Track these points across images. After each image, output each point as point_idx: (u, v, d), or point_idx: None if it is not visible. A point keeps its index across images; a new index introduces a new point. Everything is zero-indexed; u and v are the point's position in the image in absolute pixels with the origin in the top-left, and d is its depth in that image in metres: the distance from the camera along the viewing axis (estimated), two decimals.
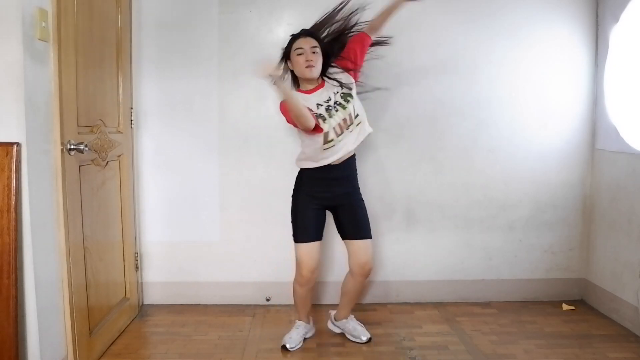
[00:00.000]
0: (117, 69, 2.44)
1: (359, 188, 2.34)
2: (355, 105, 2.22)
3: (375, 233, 2.81)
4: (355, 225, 2.29)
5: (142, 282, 2.80)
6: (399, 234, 2.86)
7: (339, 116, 2.17)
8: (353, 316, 2.47)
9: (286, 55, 2.24)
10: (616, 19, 2.64)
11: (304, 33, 2.24)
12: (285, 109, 2.15)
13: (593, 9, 2.80)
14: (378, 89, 2.22)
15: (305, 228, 2.27)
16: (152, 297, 2.82)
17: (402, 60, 2.76)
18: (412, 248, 2.88)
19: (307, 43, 2.19)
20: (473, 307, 2.82)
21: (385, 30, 2.74)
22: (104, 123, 2.26)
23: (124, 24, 2.49)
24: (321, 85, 2.24)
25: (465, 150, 2.84)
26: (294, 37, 2.23)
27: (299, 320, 2.42)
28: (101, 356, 2.21)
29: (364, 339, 2.37)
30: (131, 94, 2.63)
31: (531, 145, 2.86)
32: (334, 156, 2.19)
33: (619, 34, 2.63)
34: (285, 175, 2.75)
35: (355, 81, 2.28)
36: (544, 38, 2.80)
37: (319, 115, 2.16)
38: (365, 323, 2.50)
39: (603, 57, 2.76)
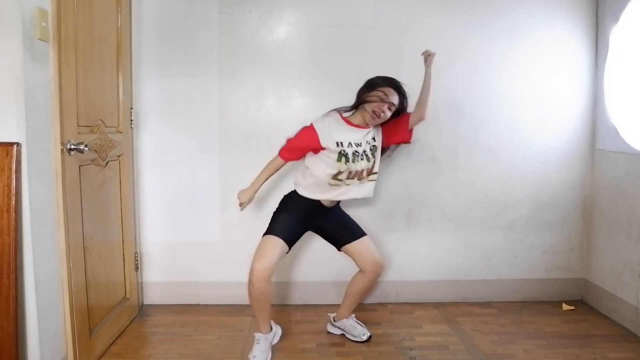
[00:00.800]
0: (117, 69, 2.44)
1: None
2: (376, 163, 2.25)
3: (375, 233, 2.83)
4: (346, 229, 2.31)
5: (142, 282, 2.80)
6: (399, 234, 2.86)
7: (360, 165, 2.18)
8: (353, 315, 2.47)
9: (369, 87, 2.19)
10: (616, 19, 2.64)
11: (398, 86, 2.18)
12: (291, 146, 2.24)
13: (593, 9, 2.80)
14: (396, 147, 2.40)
15: (282, 225, 2.22)
16: (152, 297, 2.82)
17: (402, 60, 2.76)
18: (412, 248, 2.88)
19: (392, 96, 2.15)
20: (473, 307, 2.82)
21: (385, 30, 2.76)
22: (104, 123, 2.26)
23: (124, 24, 2.49)
24: (365, 128, 2.21)
25: (465, 150, 2.84)
26: (389, 82, 2.18)
27: (258, 332, 2.24)
28: (101, 356, 2.21)
29: (364, 337, 2.37)
30: (131, 94, 2.63)
31: (531, 145, 2.86)
32: (335, 192, 2.21)
33: (619, 34, 2.63)
34: (285, 175, 2.76)
35: (383, 147, 2.29)
36: (544, 38, 2.80)
37: (344, 154, 2.14)
38: (365, 323, 2.50)
39: (603, 57, 2.76)
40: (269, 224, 2.26)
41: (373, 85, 2.18)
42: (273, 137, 2.76)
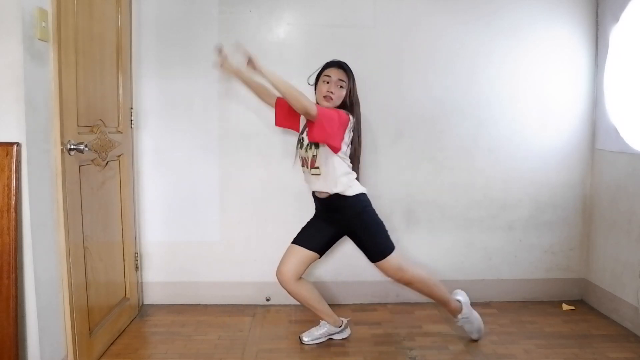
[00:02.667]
0: (117, 69, 2.44)
1: (359, 213, 2.25)
2: (318, 158, 2.19)
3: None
4: (364, 250, 2.29)
5: (142, 282, 2.80)
6: (399, 234, 2.86)
7: (303, 152, 2.26)
8: (461, 314, 2.39)
9: (316, 77, 2.28)
10: (616, 19, 2.64)
11: (337, 64, 2.24)
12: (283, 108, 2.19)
13: (593, 9, 2.80)
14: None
15: (300, 231, 2.34)
16: (152, 297, 2.82)
17: (402, 60, 2.77)
18: (412, 248, 2.87)
19: (336, 74, 2.21)
20: (473, 307, 2.82)
21: (385, 30, 2.76)
22: (104, 123, 2.26)
23: (124, 24, 2.49)
24: None
25: (466, 150, 2.84)
26: (329, 63, 2.25)
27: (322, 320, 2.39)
28: (101, 356, 2.21)
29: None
30: (131, 94, 2.63)
31: (531, 145, 2.86)
32: (311, 185, 2.28)
33: (619, 34, 2.63)
34: (285, 175, 2.76)
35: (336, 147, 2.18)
36: (544, 38, 2.80)
37: (300, 139, 2.29)
38: (365, 323, 2.50)
39: (603, 57, 2.76)
40: None
41: (319, 73, 2.27)
42: (273, 137, 2.77)
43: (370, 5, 2.73)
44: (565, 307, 2.82)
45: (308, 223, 2.37)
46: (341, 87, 2.21)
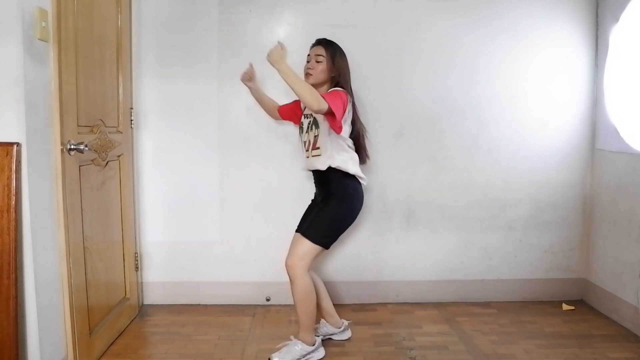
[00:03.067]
0: (117, 69, 2.44)
1: (338, 196, 2.20)
2: (319, 138, 2.20)
3: (375, 233, 2.83)
4: (307, 219, 2.26)
5: (142, 282, 2.80)
6: (399, 234, 2.86)
7: (305, 137, 2.30)
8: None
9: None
10: (616, 19, 2.64)
11: (315, 42, 2.31)
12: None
13: (593, 9, 2.80)
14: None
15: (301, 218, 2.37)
16: (152, 297, 2.82)
17: (402, 60, 2.77)
18: (412, 248, 2.88)
19: (314, 51, 2.28)
20: (473, 307, 2.82)
21: (385, 30, 2.76)
22: (104, 123, 2.26)
23: (124, 24, 2.49)
24: None
25: (466, 150, 2.84)
26: (313, 42, 2.32)
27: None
28: (101, 356, 2.21)
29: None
30: (131, 94, 2.63)
31: (531, 145, 2.86)
32: (311, 166, 2.28)
33: (619, 34, 2.63)
34: (285, 175, 2.76)
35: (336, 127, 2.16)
36: (544, 38, 2.80)
37: (301, 125, 2.32)
38: (365, 323, 2.50)
39: (603, 57, 2.76)
40: None
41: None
42: (273, 137, 2.77)
43: (370, 5, 2.73)
44: (565, 307, 2.82)
45: (306, 209, 2.39)
46: (318, 61, 2.23)
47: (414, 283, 2.88)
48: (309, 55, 2.29)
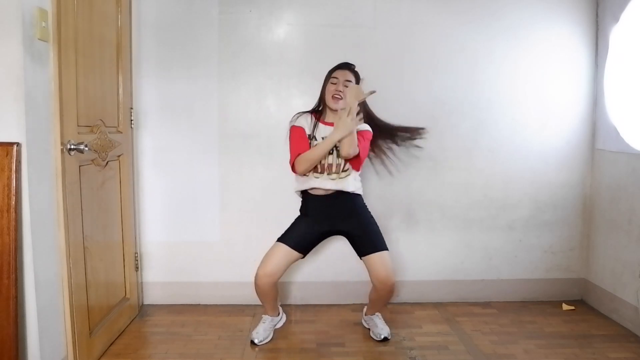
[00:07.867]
0: (117, 69, 2.44)
1: (363, 208, 2.38)
2: (347, 164, 2.29)
3: None
4: (369, 240, 2.31)
5: (142, 282, 2.80)
6: (399, 234, 2.86)
7: (331, 159, 2.27)
8: (379, 314, 2.49)
9: (324, 81, 2.34)
10: (616, 19, 2.64)
11: (344, 65, 2.32)
12: (295, 134, 2.26)
13: (593, 9, 2.80)
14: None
15: (290, 233, 2.35)
16: (152, 297, 2.82)
17: (402, 60, 2.77)
18: (412, 248, 2.88)
19: (343, 75, 2.29)
20: (473, 307, 2.82)
21: (385, 31, 2.76)
22: (104, 123, 2.26)
23: (124, 24, 2.49)
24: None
25: (466, 150, 2.84)
26: (338, 66, 2.32)
27: (265, 314, 2.44)
28: (101, 356, 2.21)
29: (378, 338, 2.38)
30: (131, 94, 2.63)
31: (531, 145, 2.86)
32: (336, 186, 2.29)
33: (619, 34, 2.63)
34: (285, 175, 2.75)
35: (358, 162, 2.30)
36: (544, 38, 2.80)
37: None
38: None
39: (603, 57, 2.76)
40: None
41: (327, 77, 2.33)
42: (273, 137, 2.76)
43: (370, 5, 2.74)
44: (565, 307, 2.82)
45: (295, 221, 2.39)
46: (347, 87, 2.26)
47: (414, 283, 2.89)
48: (335, 77, 2.28)
